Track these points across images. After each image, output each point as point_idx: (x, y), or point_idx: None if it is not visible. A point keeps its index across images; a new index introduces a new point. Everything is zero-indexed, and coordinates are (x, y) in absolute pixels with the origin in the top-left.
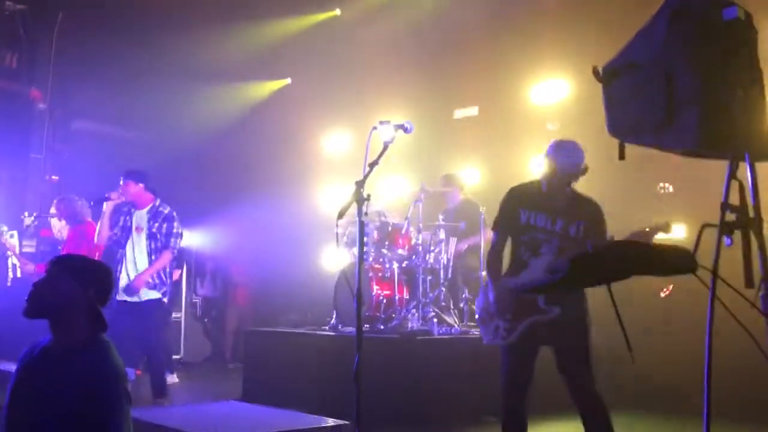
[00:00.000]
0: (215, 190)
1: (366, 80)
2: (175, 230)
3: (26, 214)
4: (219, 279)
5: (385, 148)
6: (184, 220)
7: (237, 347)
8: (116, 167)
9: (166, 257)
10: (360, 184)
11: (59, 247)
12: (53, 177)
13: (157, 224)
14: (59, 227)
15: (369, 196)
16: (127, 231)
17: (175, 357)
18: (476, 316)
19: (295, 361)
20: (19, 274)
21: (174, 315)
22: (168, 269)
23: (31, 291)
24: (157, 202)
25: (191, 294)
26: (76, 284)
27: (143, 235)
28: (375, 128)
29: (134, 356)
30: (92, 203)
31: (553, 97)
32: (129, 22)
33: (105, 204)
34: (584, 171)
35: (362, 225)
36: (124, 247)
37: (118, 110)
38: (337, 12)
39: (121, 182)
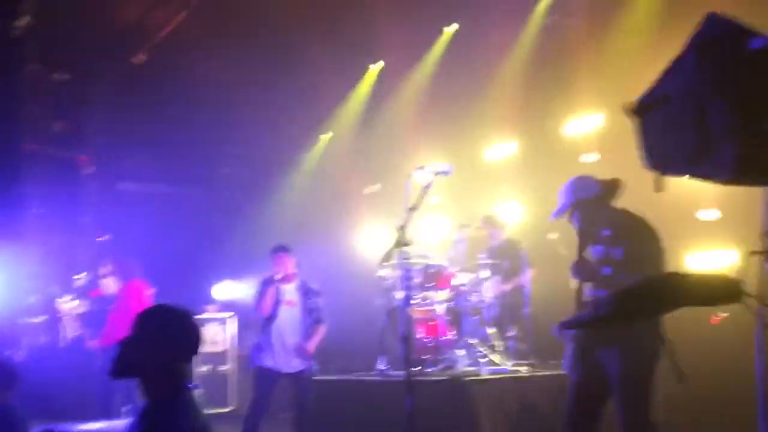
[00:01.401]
0: (260, 239)
1: (402, 125)
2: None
3: (78, 275)
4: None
5: (425, 192)
6: (233, 271)
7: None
8: (162, 225)
9: (323, 331)
10: (402, 230)
11: (110, 306)
12: (102, 237)
13: (308, 300)
14: (110, 285)
15: (411, 241)
16: (276, 305)
17: (224, 410)
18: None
19: (346, 407)
20: (69, 337)
21: (222, 367)
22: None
23: (117, 351)
24: (303, 278)
25: (240, 345)
26: (153, 341)
27: (296, 310)
28: (410, 175)
29: None
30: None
31: (587, 130)
32: (171, 84)
33: (273, 285)
34: (607, 193)
35: (408, 270)
36: (273, 319)
37: (162, 169)
38: (381, 63)
39: (277, 258)
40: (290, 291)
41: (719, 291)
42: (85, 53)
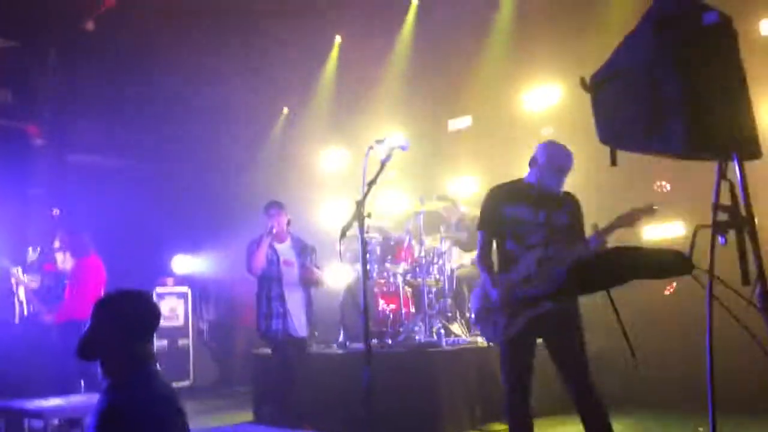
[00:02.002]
0: (214, 214)
1: (360, 99)
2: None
3: (30, 249)
4: (224, 302)
5: (383, 167)
6: (186, 246)
7: (245, 370)
8: (115, 198)
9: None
10: (360, 203)
11: (65, 281)
12: (55, 210)
13: (301, 257)
14: (62, 260)
15: (369, 214)
16: (273, 265)
17: (184, 383)
18: (472, 317)
19: (305, 380)
20: (25, 312)
21: (181, 341)
22: None
23: (82, 335)
24: (294, 235)
25: (197, 319)
26: (111, 325)
27: (294, 269)
28: (371, 147)
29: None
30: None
31: (546, 103)
32: (122, 53)
33: (267, 238)
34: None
35: (365, 243)
36: (278, 281)
37: (114, 142)
38: (338, 39)
39: (272, 213)
40: (285, 250)
41: (670, 264)
42: (33, 20)
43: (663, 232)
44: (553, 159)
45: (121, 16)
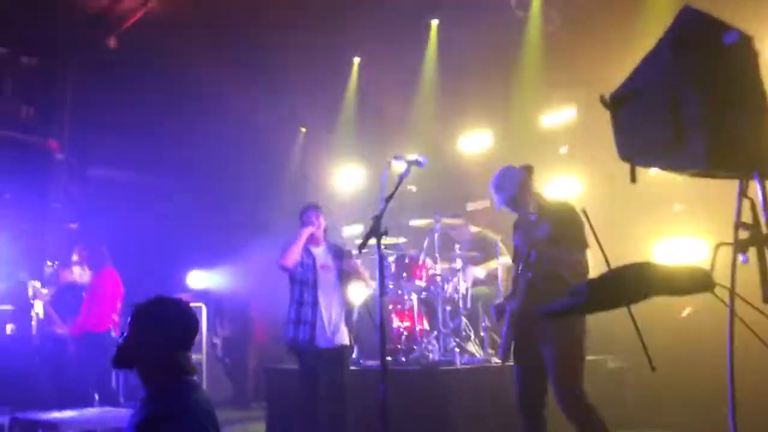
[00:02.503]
0: (231, 230)
1: (378, 117)
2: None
3: (48, 262)
4: (238, 318)
5: (400, 182)
6: (202, 261)
7: (259, 386)
8: (133, 212)
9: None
10: (377, 219)
11: (82, 294)
12: (72, 225)
13: (345, 263)
14: (80, 273)
15: (387, 230)
16: (309, 268)
17: None
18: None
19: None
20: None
21: (195, 356)
22: None
23: (119, 342)
24: (329, 240)
25: (211, 335)
26: (150, 333)
27: (332, 275)
28: (389, 163)
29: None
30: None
31: (563, 122)
32: (143, 71)
33: (306, 230)
34: (525, 181)
35: (382, 258)
36: (313, 285)
37: (133, 157)
38: (357, 59)
39: (312, 214)
40: (322, 255)
41: (690, 281)
42: (56, 37)
43: (684, 250)
44: (496, 182)
45: (142, 35)
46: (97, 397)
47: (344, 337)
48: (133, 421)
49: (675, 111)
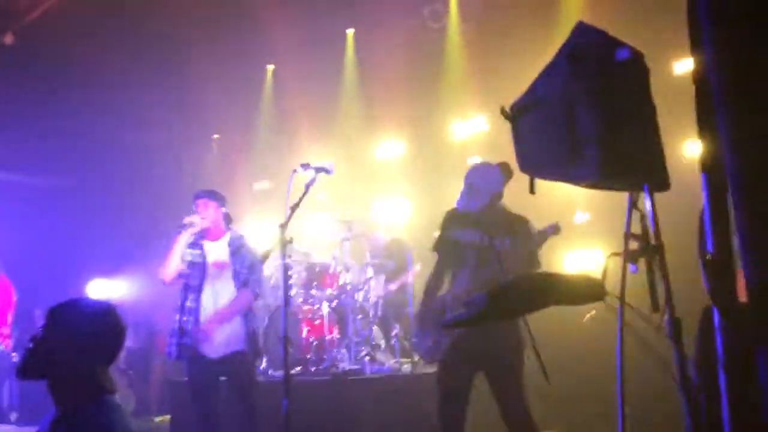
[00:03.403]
0: (133, 237)
1: (289, 125)
2: (258, 269)
3: None
4: (142, 329)
5: (307, 190)
6: (103, 268)
7: (163, 398)
8: (28, 217)
9: (247, 298)
10: (283, 227)
11: None
12: None
13: (236, 259)
14: None
15: (291, 239)
16: (199, 268)
17: None
18: (414, 340)
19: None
20: None
21: None
22: None
23: (27, 348)
24: (233, 233)
25: None
26: (64, 339)
27: (228, 273)
28: (295, 171)
29: None
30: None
31: (473, 132)
32: (40, 68)
33: (183, 233)
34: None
35: (287, 268)
36: (198, 288)
37: (29, 158)
38: (271, 66)
39: (199, 203)
40: (217, 249)
41: (584, 290)
42: None
43: (584, 260)
44: (476, 172)
45: (40, 31)
46: (14, 416)
47: (238, 342)
48: None
49: (570, 124)
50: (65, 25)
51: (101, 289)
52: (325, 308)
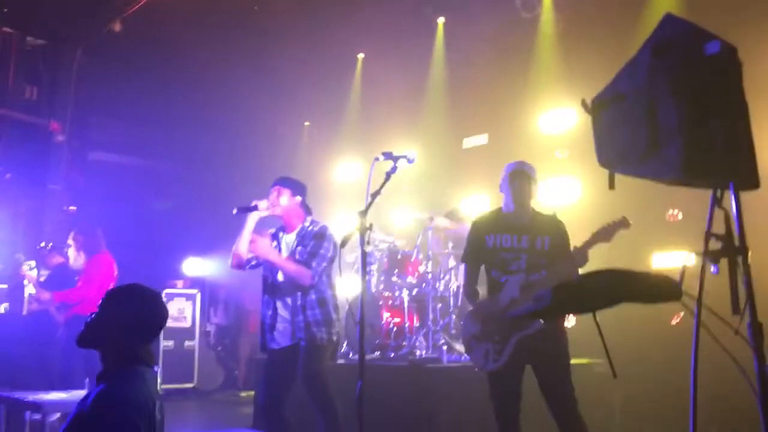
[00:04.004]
0: (228, 219)
1: (376, 114)
2: (322, 251)
3: (42, 243)
4: (232, 307)
5: (388, 178)
6: (199, 248)
7: (250, 375)
8: (131, 197)
9: (297, 271)
10: (362, 214)
11: (75, 278)
12: (71, 207)
13: (300, 248)
14: (75, 257)
15: (371, 225)
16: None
17: (188, 385)
18: (464, 346)
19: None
20: (34, 306)
21: (187, 343)
22: None
23: (87, 321)
24: (308, 222)
25: (205, 322)
26: (115, 316)
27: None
28: (377, 159)
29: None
30: (235, 211)
31: (562, 126)
32: (147, 56)
33: (249, 215)
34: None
35: (365, 254)
36: (272, 282)
37: (134, 142)
38: (361, 55)
39: (272, 191)
40: (289, 242)
41: (659, 289)
42: (62, 19)
43: (673, 261)
44: (516, 172)
45: (148, 20)
46: (87, 380)
47: (297, 333)
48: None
49: (652, 118)
50: (166, 13)
51: (196, 267)
52: (406, 295)
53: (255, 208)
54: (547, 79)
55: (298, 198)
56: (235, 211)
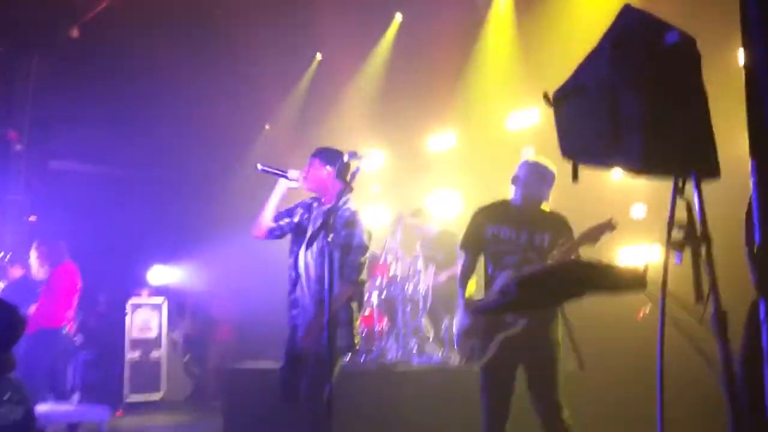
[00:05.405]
0: (194, 226)
1: (339, 116)
2: (356, 242)
3: (1, 254)
4: (199, 316)
5: (353, 179)
6: (164, 256)
7: (218, 385)
8: (94, 205)
9: (343, 292)
10: (327, 213)
11: (37, 289)
12: (31, 217)
13: (334, 232)
14: (36, 269)
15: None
16: (301, 234)
17: (155, 396)
18: (455, 340)
19: (275, 397)
20: None
21: (154, 353)
22: None
23: None
24: (342, 201)
25: (172, 332)
26: None
27: (314, 246)
28: (343, 160)
29: None
30: (260, 167)
31: (527, 123)
32: (105, 62)
33: (279, 182)
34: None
35: (332, 255)
36: (295, 255)
37: (95, 149)
38: (319, 56)
39: (309, 161)
40: (318, 216)
41: (623, 279)
42: (17, 26)
43: (639, 255)
44: (536, 169)
45: (105, 25)
46: (52, 395)
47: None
48: None
49: (614, 109)
50: (124, 18)
51: (161, 275)
52: (375, 298)
53: (285, 174)
54: (511, 76)
55: (329, 168)
56: (259, 167)
